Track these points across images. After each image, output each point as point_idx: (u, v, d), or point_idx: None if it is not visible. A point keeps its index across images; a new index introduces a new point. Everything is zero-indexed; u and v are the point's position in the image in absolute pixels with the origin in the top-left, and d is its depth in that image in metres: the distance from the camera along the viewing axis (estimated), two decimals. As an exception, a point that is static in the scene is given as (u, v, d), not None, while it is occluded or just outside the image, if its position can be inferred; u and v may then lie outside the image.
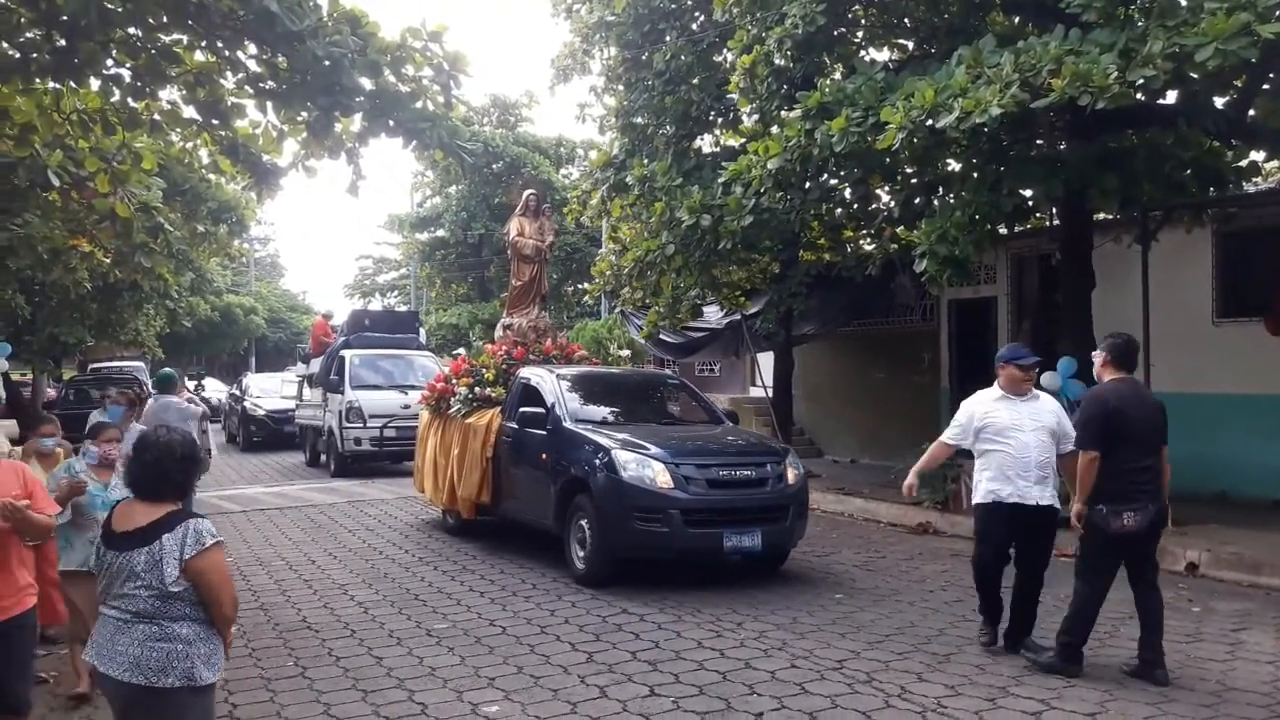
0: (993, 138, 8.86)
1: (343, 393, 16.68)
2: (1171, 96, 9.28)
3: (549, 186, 28.69)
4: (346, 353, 17.42)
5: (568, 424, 8.55)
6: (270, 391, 24.05)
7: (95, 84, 8.89)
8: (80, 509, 5.29)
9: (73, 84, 8.89)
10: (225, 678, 5.36)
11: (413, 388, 16.97)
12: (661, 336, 16.80)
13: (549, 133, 33.67)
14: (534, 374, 9.61)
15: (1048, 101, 7.57)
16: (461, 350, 12.18)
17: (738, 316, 15.84)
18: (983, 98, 7.77)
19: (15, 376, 24.74)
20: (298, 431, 20.68)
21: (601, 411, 9.10)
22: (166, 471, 3.28)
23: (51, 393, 24.73)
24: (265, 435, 22.03)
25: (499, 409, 9.71)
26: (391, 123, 8.78)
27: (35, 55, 8.07)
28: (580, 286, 24.28)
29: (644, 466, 7.70)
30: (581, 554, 8.00)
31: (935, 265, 9.05)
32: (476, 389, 10.15)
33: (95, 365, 28.21)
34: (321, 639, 6.47)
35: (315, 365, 19.12)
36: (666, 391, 10.61)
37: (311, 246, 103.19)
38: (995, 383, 6.14)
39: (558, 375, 9.39)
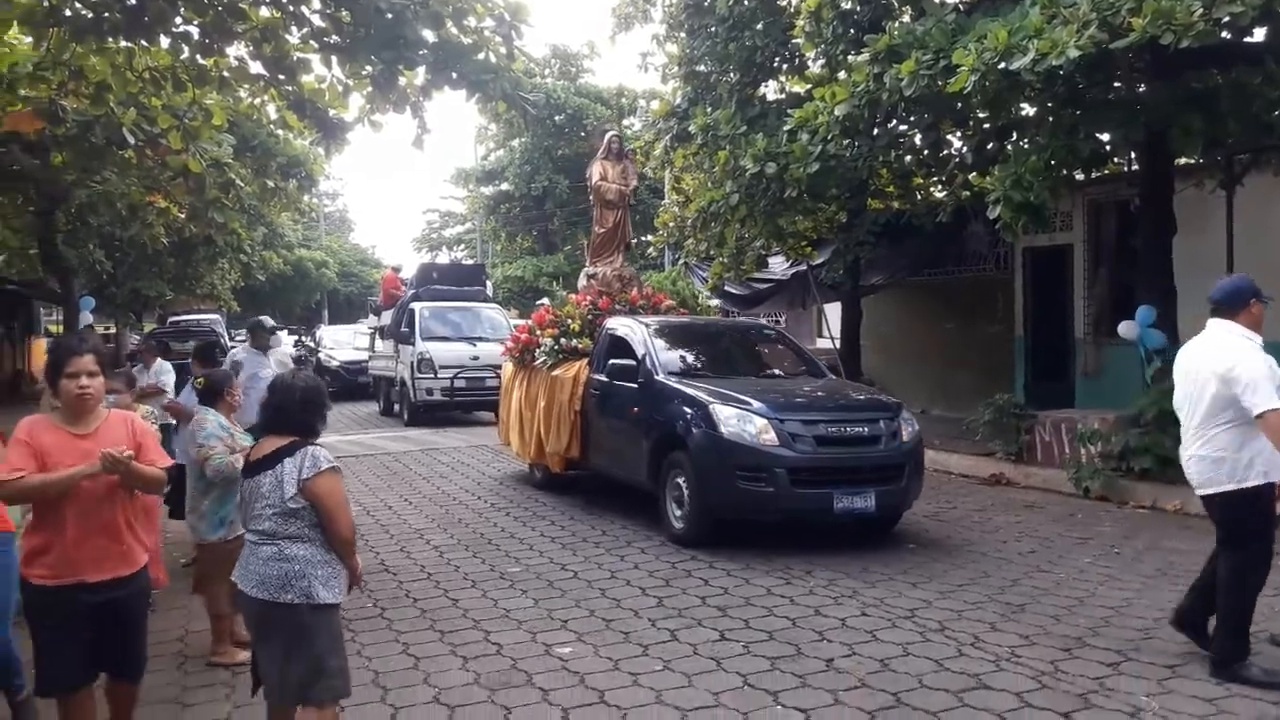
0: (1069, 80, 8.56)
1: (414, 344, 16.98)
2: (1259, 34, 8.86)
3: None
4: (416, 305, 17.69)
5: (660, 377, 8.25)
6: (343, 343, 24.55)
7: (165, 42, 9.03)
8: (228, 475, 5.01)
9: (144, 42, 9.04)
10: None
11: (480, 339, 17.24)
12: (726, 288, 16.71)
13: (610, 83, 33.46)
14: (622, 324, 9.35)
15: (1128, 42, 7.27)
16: (545, 300, 11.86)
17: (804, 267, 15.66)
18: (1059, 39, 7.49)
19: (99, 329, 25.61)
20: (371, 382, 21.12)
21: (695, 363, 8.78)
22: (289, 413, 3.57)
23: (134, 345, 25.47)
24: (339, 386, 22.56)
25: (586, 361, 9.49)
26: (454, 75, 8.80)
27: (107, 15, 8.21)
28: (644, 239, 24.19)
29: (745, 422, 7.29)
30: (679, 513, 7.66)
31: (1009, 212, 8.82)
32: (562, 340, 9.91)
33: (174, 318, 29.01)
34: (399, 581, 6.64)
35: (387, 317, 19.45)
36: (763, 342, 10.17)
37: (379, 201, 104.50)
38: (1223, 325, 4.76)
39: (647, 326, 9.09)
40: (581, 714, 4.38)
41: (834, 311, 16.04)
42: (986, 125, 11.04)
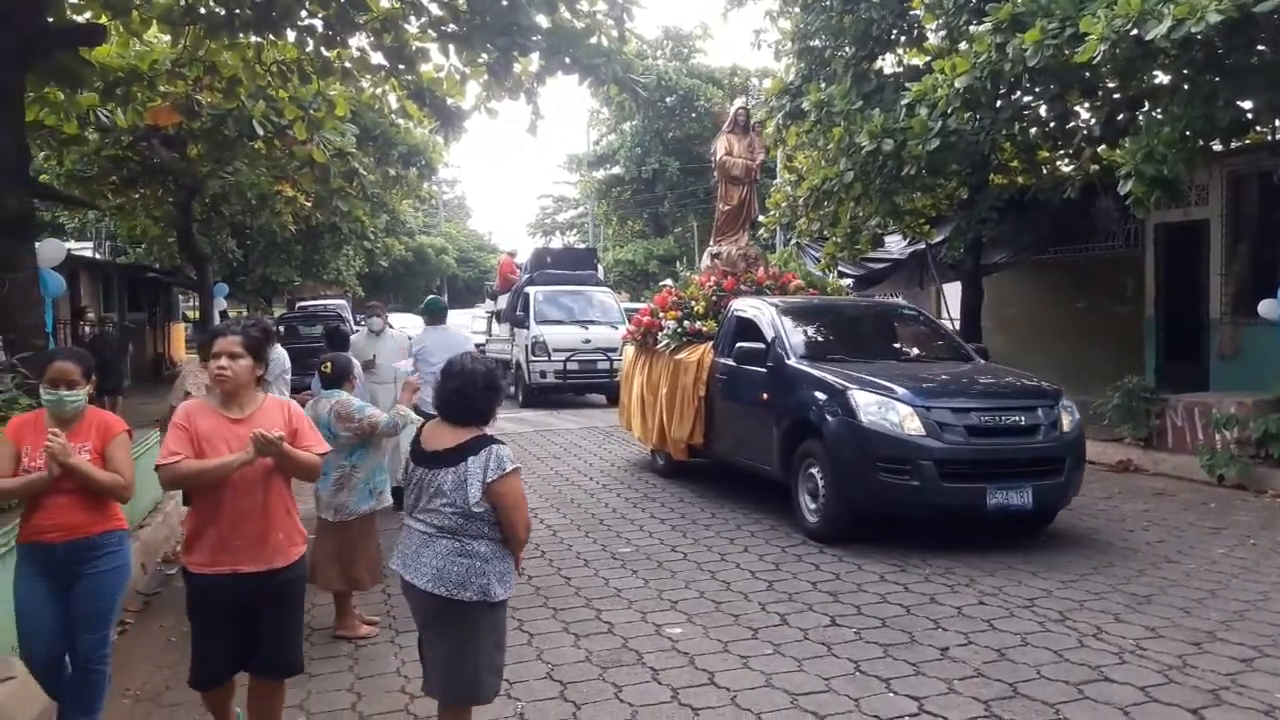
0: (1208, 45, 8.10)
1: (528, 328, 17.28)
2: None
3: (722, 118, 28.36)
4: (530, 289, 17.99)
5: (792, 361, 7.79)
6: (461, 327, 25.12)
7: (291, 35, 9.41)
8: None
9: (271, 36, 9.43)
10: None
11: (592, 323, 17.42)
12: (840, 268, 16.44)
13: (722, 63, 33.19)
14: (750, 306, 8.91)
15: (1275, 4, 6.83)
16: (668, 282, 11.31)
17: (922, 246, 15.28)
18: (1198, 3, 7.11)
19: (232, 314, 26.86)
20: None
21: (829, 346, 8.28)
22: (470, 398, 3.44)
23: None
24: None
25: (710, 344, 9.11)
26: (567, 60, 8.90)
27: (238, 11, 8.58)
28: (755, 220, 24.03)
29: (888, 410, 6.81)
30: (813, 506, 7.23)
31: (1141, 186, 8.43)
32: (685, 323, 9.57)
33: (302, 303, 30.22)
34: (513, 560, 6.79)
35: (503, 301, 19.83)
36: (903, 323, 9.49)
37: (495, 187, 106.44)
38: None
39: (776, 306, 8.60)
40: (691, 694, 4.41)
41: (953, 292, 15.60)
42: (1116, 95, 10.56)
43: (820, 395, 7.29)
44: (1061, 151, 13.18)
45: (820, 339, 8.44)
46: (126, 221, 21.03)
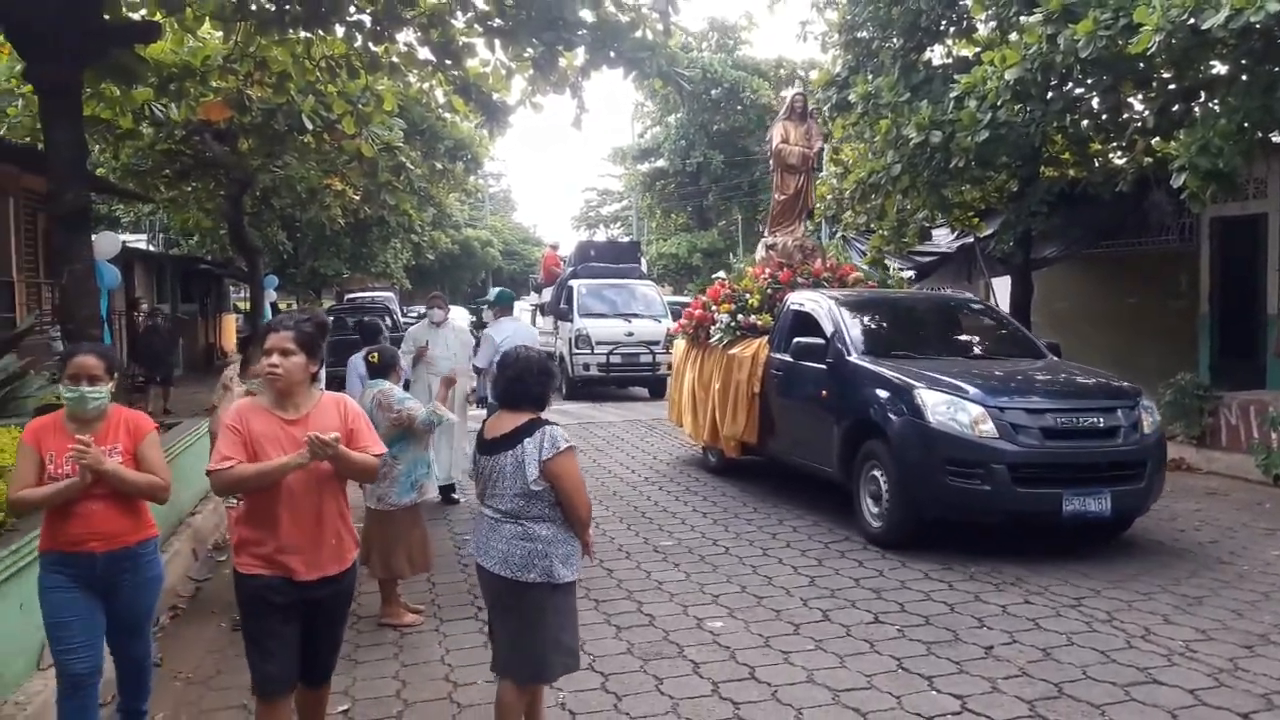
0: (1267, 35, 7.89)
1: (572, 321, 17.35)
2: None
3: (768, 110, 28.18)
4: (574, 283, 18.06)
5: (853, 357, 7.46)
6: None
7: (340, 31, 9.52)
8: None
9: (320, 32, 9.55)
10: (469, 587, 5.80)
11: (635, 316, 17.44)
12: (886, 262, 16.28)
13: (768, 54, 32.97)
14: (808, 299, 8.57)
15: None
16: (721, 274, 10.92)
17: (970, 239, 15.07)
18: (1258, -9, 6.92)
19: (282, 307, 27.27)
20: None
21: (893, 342, 7.89)
22: (526, 384, 3.58)
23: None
24: (501, 361, 23.26)
25: (765, 339, 8.83)
26: (612, 54, 8.91)
27: (288, 6, 8.70)
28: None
29: (957, 410, 6.47)
30: (875, 510, 6.92)
31: (1196, 180, 8.23)
32: (739, 316, 9.26)
33: (350, 295, 30.60)
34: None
35: (547, 294, 19.91)
36: (970, 317, 9.04)
37: (540, 180, 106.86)
38: None
39: (835, 300, 8.28)
40: (732, 689, 4.42)
41: (1002, 286, 15.38)
42: (1171, 86, 10.32)
43: (884, 394, 6.99)
44: (1114, 144, 12.92)
45: (883, 334, 8.07)
46: (179, 214, 21.43)
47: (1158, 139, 11.30)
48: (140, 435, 3.63)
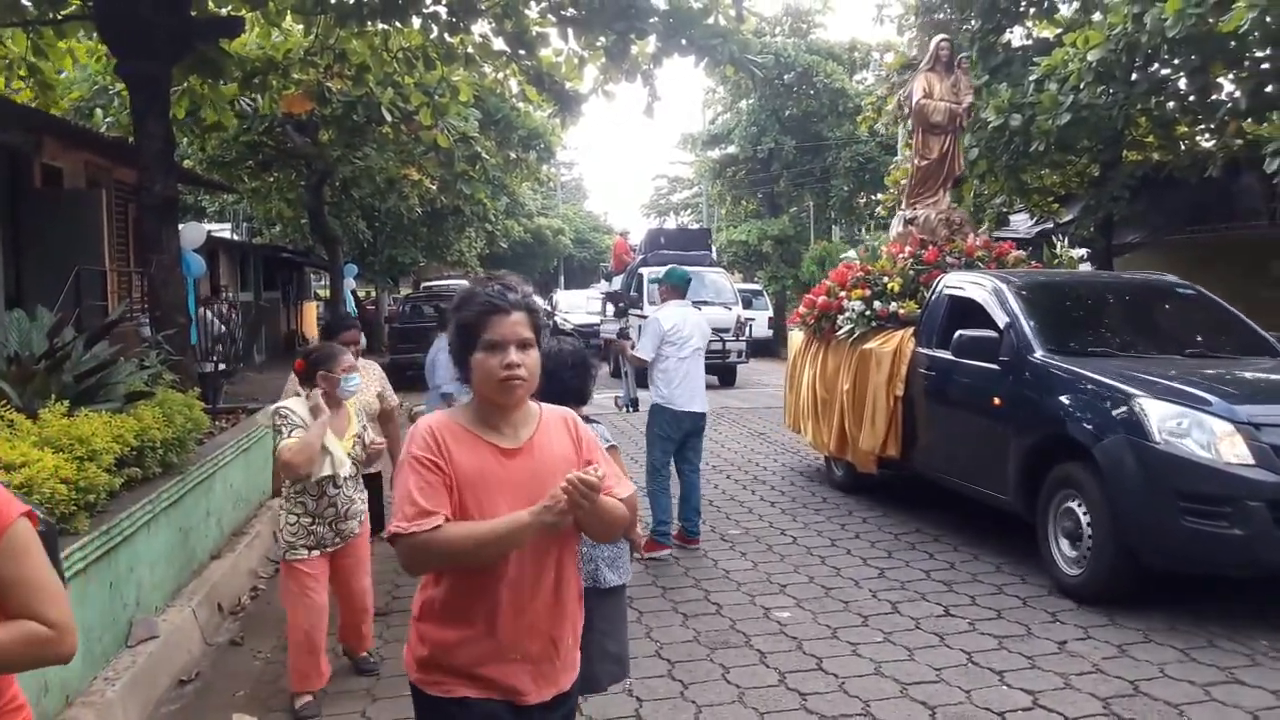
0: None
1: (642, 308, 17.38)
2: None
3: (841, 94, 27.81)
4: (644, 270, 18.09)
5: (1039, 355, 6.05)
6: (577, 307, 25.51)
7: (416, 22, 9.70)
8: None
9: (398, 24, 9.73)
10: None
11: (705, 303, 17.41)
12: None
13: (842, 38, 32.47)
14: (969, 281, 7.18)
15: None
16: (851, 254, 9.39)
17: (1050, 225, 14.74)
18: (1359, -39, 6.64)
19: (360, 294, 27.86)
20: (602, 345, 21.89)
21: (1088, 336, 6.51)
22: (563, 379, 3.29)
23: (391, 308, 27.55)
24: (574, 348, 23.46)
25: (910, 331, 7.49)
26: (684, 41, 8.92)
27: (366, 0, 8.88)
28: (874, 198, 23.53)
29: (1195, 427, 5.00)
30: (1072, 554, 5.54)
31: (1290, 162, 7.95)
32: (876, 304, 7.87)
33: (427, 283, 31.10)
34: (624, 539, 6.89)
35: (618, 282, 19.99)
36: (1178, 306, 7.27)
37: (611, 168, 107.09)
38: None
39: (1009, 283, 6.80)
40: (799, 679, 4.42)
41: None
42: (1265, 66, 9.95)
43: (1087, 403, 5.59)
44: (1202, 126, 12.51)
45: (1073, 325, 6.70)
46: (262, 204, 22.02)
47: (1249, 121, 10.90)
48: None
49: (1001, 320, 6.45)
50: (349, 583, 4.46)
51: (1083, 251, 9.19)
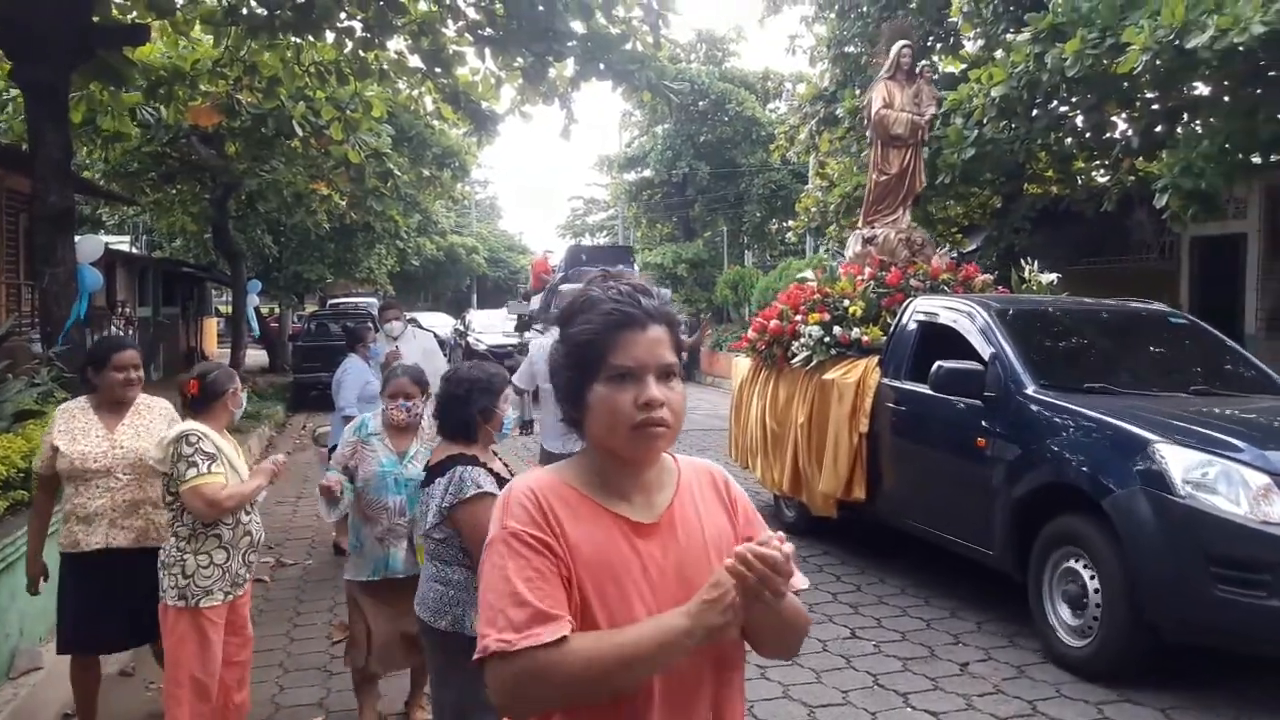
0: (1250, 57, 8.01)
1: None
2: None
3: (754, 123, 28.28)
4: (564, 287, 18.03)
5: (1031, 390, 5.35)
6: (491, 327, 25.31)
7: (330, 37, 9.54)
8: (369, 491, 3.94)
9: (311, 38, 9.57)
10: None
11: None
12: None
13: (755, 67, 33.11)
14: (945, 307, 6.47)
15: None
16: (807, 274, 8.44)
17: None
18: (1243, 13, 7.01)
19: (264, 310, 27.17)
20: (517, 366, 21.75)
21: (1083, 370, 5.90)
22: (449, 409, 3.14)
23: (296, 325, 26.94)
24: (486, 369, 23.26)
25: (874, 360, 6.77)
26: (602, 66, 8.97)
27: (278, 12, 8.71)
28: (785, 224, 23.97)
29: (1224, 478, 4.33)
30: (1075, 622, 4.83)
31: (1178, 200, 8.33)
32: (836, 330, 7.14)
33: (333, 300, 30.50)
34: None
35: (535, 302, 19.90)
36: (1173, 337, 6.63)
37: (527, 188, 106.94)
38: None
39: (990, 308, 6.10)
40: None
41: (984, 302, 15.49)
42: (1155, 106, 10.46)
43: (1093, 447, 4.88)
44: (1097, 162, 13.10)
45: (1066, 358, 6.13)
46: (164, 217, 21.33)
47: (1141, 158, 11.44)
48: None
49: (985, 351, 5.74)
50: (242, 632, 3.80)
51: (1053, 276, 8.67)
